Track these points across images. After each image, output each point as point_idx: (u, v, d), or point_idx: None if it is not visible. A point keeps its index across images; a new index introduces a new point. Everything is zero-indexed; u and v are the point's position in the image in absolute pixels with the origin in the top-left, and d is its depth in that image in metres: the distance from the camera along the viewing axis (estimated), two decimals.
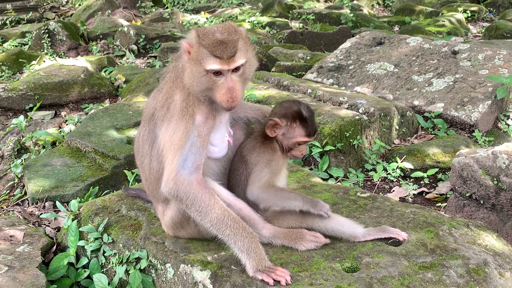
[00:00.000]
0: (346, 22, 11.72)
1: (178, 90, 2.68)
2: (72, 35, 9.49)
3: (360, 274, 2.51)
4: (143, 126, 2.84)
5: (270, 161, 2.74)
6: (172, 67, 2.82)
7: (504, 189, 3.54)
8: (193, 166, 2.56)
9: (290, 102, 2.81)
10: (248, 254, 2.51)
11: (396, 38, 6.89)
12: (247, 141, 2.85)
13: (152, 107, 2.77)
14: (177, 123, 2.60)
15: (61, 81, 6.68)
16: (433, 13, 13.09)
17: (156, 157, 2.72)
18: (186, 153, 2.56)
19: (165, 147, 2.62)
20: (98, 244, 3.14)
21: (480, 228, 2.98)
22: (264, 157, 2.75)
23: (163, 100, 2.71)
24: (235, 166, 2.83)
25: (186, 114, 2.61)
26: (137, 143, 2.90)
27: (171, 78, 2.76)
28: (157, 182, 2.75)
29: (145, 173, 2.86)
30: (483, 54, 6.10)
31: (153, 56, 9.02)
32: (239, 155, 2.83)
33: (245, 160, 2.78)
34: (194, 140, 2.58)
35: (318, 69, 6.70)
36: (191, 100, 2.63)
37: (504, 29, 10.27)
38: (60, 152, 4.83)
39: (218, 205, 2.55)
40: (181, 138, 2.57)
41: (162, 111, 2.70)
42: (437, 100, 5.61)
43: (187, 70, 2.57)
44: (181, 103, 2.63)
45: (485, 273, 2.61)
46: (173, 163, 2.56)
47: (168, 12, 12.37)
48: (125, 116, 5.31)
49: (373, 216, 3.05)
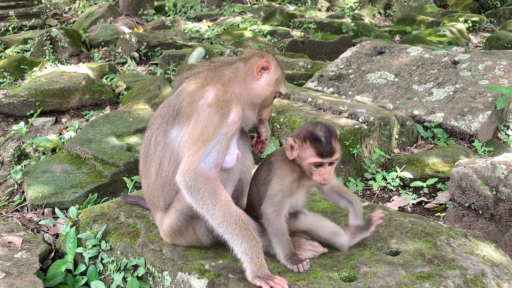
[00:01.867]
0: (347, 31, 11.76)
1: (211, 87, 2.67)
2: (74, 42, 9.54)
3: (357, 284, 2.51)
4: (156, 129, 2.77)
5: (283, 179, 2.69)
6: (199, 69, 2.83)
7: (503, 199, 3.53)
8: (213, 162, 2.56)
9: (310, 123, 2.74)
10: (251, 259, 2.51)
11: (397, 48, 6.91)
12: (277, 155, 2.83)
13: (177, 107, 2.70)
14: (211, 117, 2.59)
15: (62, 87, 6.70)
16: (434, 23, 13.14)
17: (169, 159, 2.68)
18: (211, 148, 2.55)
19: (190, 139, 2.59)
20: (96, 251, 3.14)
21: (478, 238, 2.98)
22: (280, 175, 2.72)
23: (192, 98, 2.66)
24: (259, 174, 2.84)
25: (222, 110, 2.60)
26: (146, 147, 2.84)
27: (201, 77, 2.74)
28: (162, 188, 2.74)
29: (150, 179, 2.80)
30: (483, 64, 6.12)
31: (154, 63, 9.05)
32: (266, 165, 2.81)
33: (269, 169, 2.77)
34: (221, 137, 2.58)
35: (319, 78, 6.72)
36: (228, 98, 2.64)
37: (505, 39, 10.30)
38: (60, 159, 4.84)
39: (232, 203, 2.57)
40: (211, 132, 2.56)
41: (190, 107, 2.65)
42: (437, 109, 5.62)
43: (260, 86, 2.82)
44: (215, 99, 2.62)
45: (482, 284, 2.60)
46: (196, 155, 2.54)
47: (170, 20, 12.43)
48: (125, 123, 5.33)
49: None
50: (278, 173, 2.72)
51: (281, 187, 2.68)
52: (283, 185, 2.68)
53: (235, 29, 12.00)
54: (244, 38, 11.10)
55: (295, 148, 2.67)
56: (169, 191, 2.73)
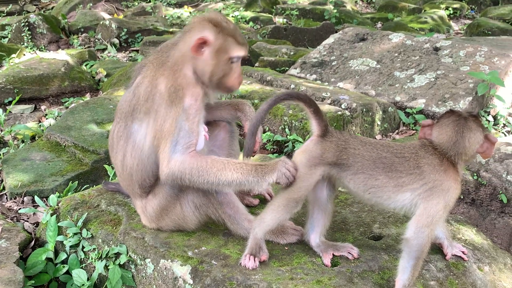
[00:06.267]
0: (329, 18, 11.74)
1: (162, 78, 2.65)
2: (53, 28, 9.35)
3: (340, 269, 2.51)
4: (118, 123, 2.81)
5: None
6: (149, 60, 2.79)
7: (484, 184, 3.57)
8: (183, 147, 2.58)
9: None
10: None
11: (379, 35, 6.92)
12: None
13: (133, 103, 2.72)
14: (166, 111, 2.60)
15: (41, 74, 6.57)
16: (415, 10, 13.18)
17: (131, 153, 2.72)
18: (176, 138, 2.57)
19: (157, 138, 2.62)
20: (77, 239, 3.10)
21: (459, 222, 3.01)
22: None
23: (146, 93, 2.67)
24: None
25: (175, 99, 2.60)
26: (111, 140, 2.88)
27: (151, 69, 2.72)
28: (130, 178, 2.76)
29: (118, 169, 2.86)
30: (464, 51, 6.15)
31: (135, 50, 8.93)
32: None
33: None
34: (182, 124, 2.58)
35: (302, 65, 6.70)
36: (179, 83, 2.62)
37: (486, 26, 10.38)
38: (40, 147, 4.75)
39: (217, 159, 2.58)
40: (171, 124, 2.58)
41: (147, 104, 2.66)
42: (418, 96, 5.65)
43: (205, 62, 2.63)
44: (168, 90, 2.61)
45: (464, 267, 2.63)
46: (165, 152, 2.59)
47: (151, 6, 12.27)
48: (105, 110, 5.25)
49: (354, 211, 3.06)
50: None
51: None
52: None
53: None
54: None
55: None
56: (138, 179, 2.76)
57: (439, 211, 2.33)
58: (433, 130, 2.47)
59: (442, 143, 2.41)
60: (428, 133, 2.48)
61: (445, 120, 2.45)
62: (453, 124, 2.41)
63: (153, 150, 2.67)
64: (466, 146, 2.38)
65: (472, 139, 2.38)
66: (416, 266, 2.33)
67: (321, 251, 2.61)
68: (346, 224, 2.92)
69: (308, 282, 2.39)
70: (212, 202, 2.74)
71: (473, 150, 2.41)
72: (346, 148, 2.43)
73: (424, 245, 2.33)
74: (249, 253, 2.54)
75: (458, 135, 2.39)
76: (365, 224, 2.92)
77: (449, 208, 2.40)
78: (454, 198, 2.37)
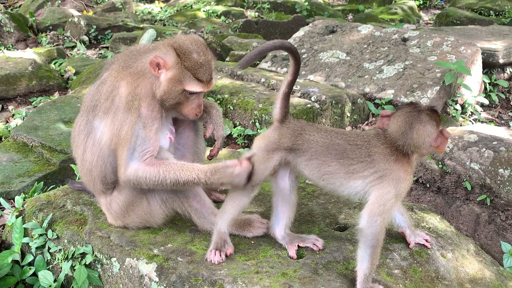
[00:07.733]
0: (301, 11, 11.76)
1: (124, 82, 2.67)
2: (21, 27, 9.19)
3: (305, 260, 2.53)
4: (81, 116, 2.82)
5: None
6: (118, 58, 2.79)
7: (449, 172, 3.63)
8: (140, 154, 2.61)
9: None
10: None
11: (348, 26, 6.95)
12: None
13: (96, 99, 2.74)
14: (123, 117, 2.63)
15: (8, 74, 6.46)
16: (386, 1, 13.28)
17: (91, 149, 2.73)
18: (133, 146, 2.61)
19: (114, 142, 2.65)
20: (43, 241, 3.06)
21: (424, 211, 3.05)
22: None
23: (107, 93, 2.69)
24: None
25: (132, 107, 2.63)
26: (73, 133, 2.89)
27: (116, 69, 2.73)
28: (89, 173, 2.76)
29: (78, 164, 2.87)
30: (432, 41, 6.22)
31: (105, 47, 8.83)
32: None
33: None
34: (139, 132, 2.62)
35: (273, 58, 6.70)
36: (138, 93, 2.64)
37: (454, 16, 10.51)
38: (6, 148, 4.67)
39: (173, 165, 2.60)
40: (127, 132, 2.61)
41: (106, 103, 2.68)
42: (387, 86, 5.70)
43: (160, 84, 2.64)
44: (126, 96, 2.64)
45: (427, 255, 2.67)
46: (122, 158, 2.63)
47: (121, 2, 12.12)
48: (73, 108, 5.18)
49: (321, 203, 3.08)
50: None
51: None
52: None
53: (188, 10, 11.82)
54: (198, 19, 10.95)
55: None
56: (98, 175, 2.76)
57: (390, 200, 2.36)
58: (390, 121, 2.49)
59: (392, 133, 2.43)
60: (386, 123, 2.50)
61: (400, 111, 2.47)
62: (405, 115, 2.43)
63: (111, 150, 2.68)
64: (414, 138, 2.39)
65: (420, 131, 2.39)
66: (374, 255, 2.36)
67: (287, 243, 2.62)
68: (312, 216, 2.94)
69: (273, 275, 2.40)
70: (179, 195, 2.75)
71: (425, 143, 2.41)
72: (302, 134, 2.46)
73: (378, 234, 2.35)
74: (214, 248, 2.54)
75: (407, 126, 2.40)
76: (331, 216, 2.95)
77: (401, 198, 2.43)
78: (405, 188, 2.39)
